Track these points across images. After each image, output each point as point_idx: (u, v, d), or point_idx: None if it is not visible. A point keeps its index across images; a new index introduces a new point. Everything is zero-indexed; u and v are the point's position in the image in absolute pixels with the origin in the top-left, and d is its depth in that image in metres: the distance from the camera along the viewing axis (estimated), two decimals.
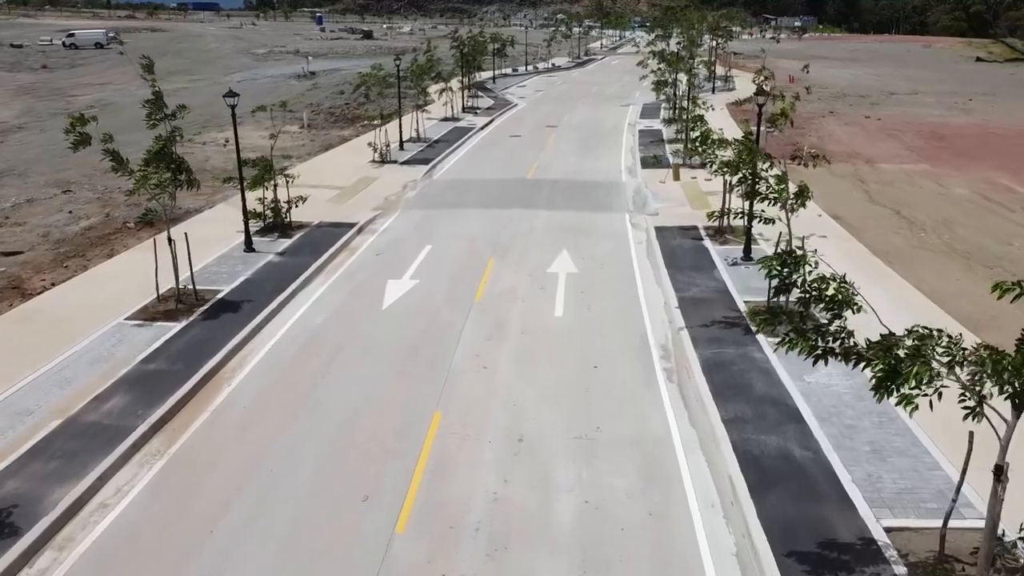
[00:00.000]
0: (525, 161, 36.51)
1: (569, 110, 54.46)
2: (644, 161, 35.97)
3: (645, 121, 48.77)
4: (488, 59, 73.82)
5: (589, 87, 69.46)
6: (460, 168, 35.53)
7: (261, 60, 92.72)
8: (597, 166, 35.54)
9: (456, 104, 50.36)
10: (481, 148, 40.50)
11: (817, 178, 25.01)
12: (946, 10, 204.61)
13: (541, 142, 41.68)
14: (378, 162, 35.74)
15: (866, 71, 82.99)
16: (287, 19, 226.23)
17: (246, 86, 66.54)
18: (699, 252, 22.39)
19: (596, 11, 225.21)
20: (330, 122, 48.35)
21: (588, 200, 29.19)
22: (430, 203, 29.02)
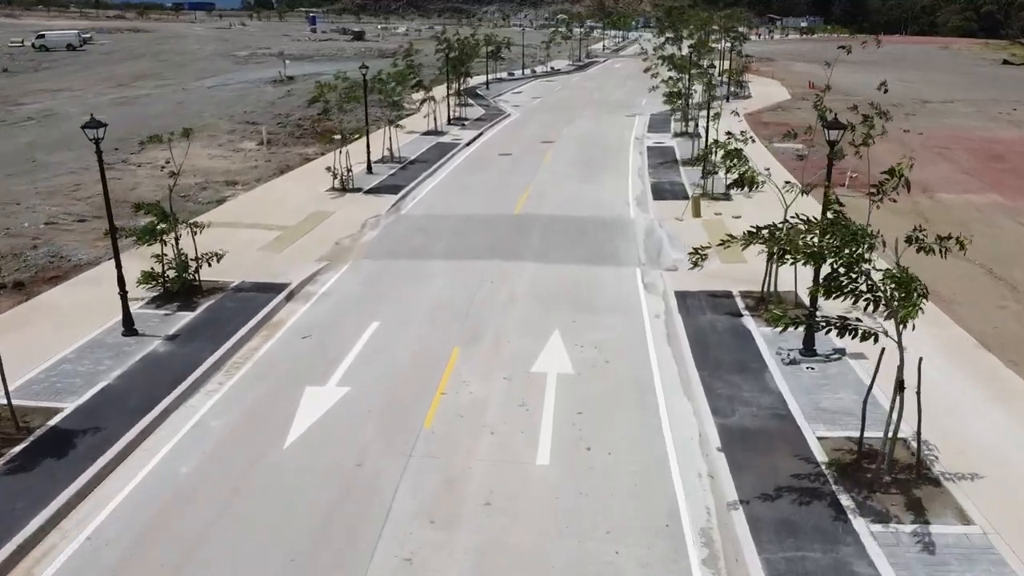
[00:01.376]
0: (514, 188, 30.63)
1: (568, 121, 48.56)
2: (656, 189, 30.06)
3: (654, 135, 42.85)
4: (482, 62, 68.01)
5: (591, 94, 63.57)
6: (435, 198, 29.65)
7: (241, 63, 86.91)
8: (600, 196, 29.64)
9: (441, 115, 44.48)
10: (464, 170, 34.61)
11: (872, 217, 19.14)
12: (956, 11, 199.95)
13: (535, 163, 35.79)
14: (338, 190, 29.90)
15: (890, 76, 76.81)
16: (281, 19, 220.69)
17: (215, 92, 60.78)
18: (739, 338, 16.50)
19: (598, 11, 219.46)
20: (295, 137, 42.45)
21: (588, 246, 23.31)
22: (390, 250, 23.14)
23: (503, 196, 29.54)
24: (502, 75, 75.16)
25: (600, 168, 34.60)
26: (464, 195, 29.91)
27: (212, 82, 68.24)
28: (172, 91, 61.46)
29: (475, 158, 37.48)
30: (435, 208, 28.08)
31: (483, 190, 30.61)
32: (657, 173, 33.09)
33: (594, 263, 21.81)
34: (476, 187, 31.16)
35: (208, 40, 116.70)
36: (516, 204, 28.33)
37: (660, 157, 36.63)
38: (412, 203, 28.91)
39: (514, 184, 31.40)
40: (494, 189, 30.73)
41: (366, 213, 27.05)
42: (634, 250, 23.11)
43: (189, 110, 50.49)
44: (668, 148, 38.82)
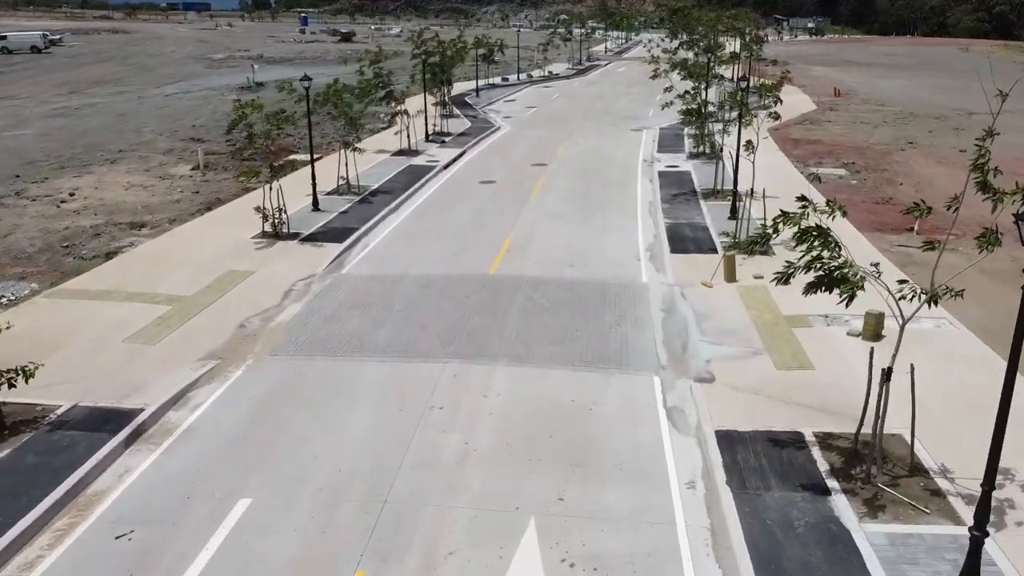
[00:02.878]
0: (492, 234, 24.15)
1: (565, 137, 42.05)
2: (674, 235, 23.57)
3: (666, 156, 36.33)
4: (474, 67, 61.57)
5: (591, 102, 57.07)
6: (391, 248, 23.15)
7: (214, 67, 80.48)
8: (602, 245, 23.11)
9: (416, 131, 37.98)
10: (435, 205, 28.11)
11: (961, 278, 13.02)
12: (968, 11, 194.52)
13: (522, 195, 29.30)
14: (269, 236, 23.48)
15: (920, 81, 70.45)
16: (274, 20, 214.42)
17: (171, 101, 54.35)
18: (834, 552, 9.93)
19: (600, 11, 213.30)
20: (242, 158, 35.90)
21: (586, 334, 16.79)
22: (310, 340, 16.62)
23: (477, 246, 23.04)
24: (496, 80, 68.80)
25: (602, 203, 28.07)
26: (428, 243, 23.40)
27: (174, 88, 61.83)
28: (125, 99, 55.02)
29: (451, 187, 30.97)
30: (387, 264, 21.57)
31: (453, 236, 24.11)
32: (673, 210, 26.57)
33: (593, 366, 15.28)
34: (445, 231, 24.65)
35: (186, 42, 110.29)
36: (492, 258, 21.82)
37: (675, 186, 30.11)
38: (359, 256, 22.40)
39: (493, 227, 24.89)
40: (467, 234, 24.22)
41: (296, 273, 20.59)
42: (650, 341, 16.57)
43: (130, 124, 44.04)
44: (684, 174, 32.30)
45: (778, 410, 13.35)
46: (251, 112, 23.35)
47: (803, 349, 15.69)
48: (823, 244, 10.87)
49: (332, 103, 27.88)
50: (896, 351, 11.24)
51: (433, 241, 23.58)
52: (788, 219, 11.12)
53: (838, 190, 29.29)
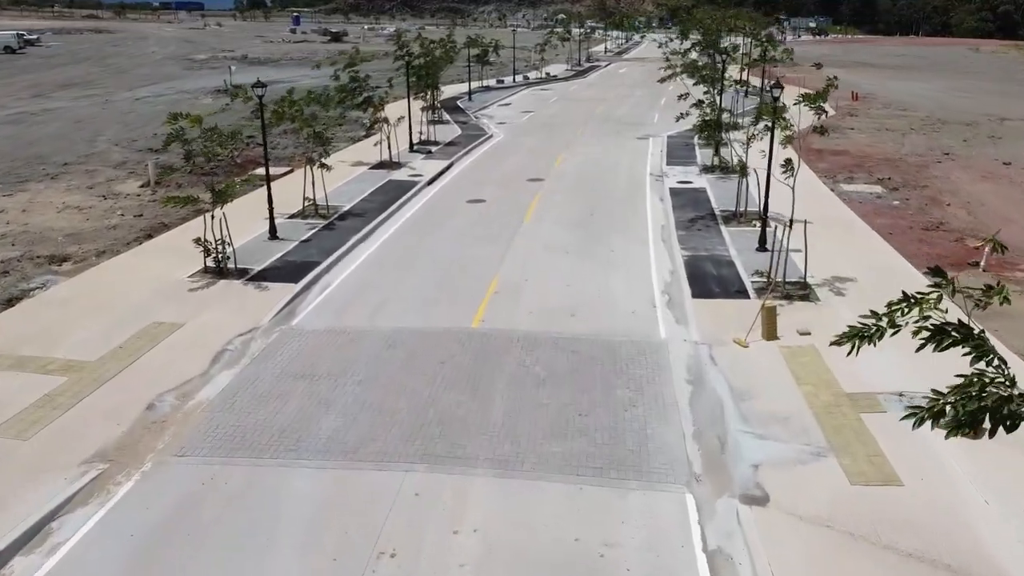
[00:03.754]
0: (479, 271, 20.29)
1: (564, 146, 38.22)
2: (695, 272, 19.72)
3: (676, 169, 32.49)
4: (466, 68, 57.75)
5: (592, 107, 53.22)
6: (355, 290, 19.26)
7: (195, 68, 76.54)
8: (609, 287, 19.24)
9: (398, 141, 34.12)
10: (411, 233, 24.26)
11: None
12: (971, 11, 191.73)
13: (514, 218, 25.46)
14: (212, 273, 19.66)
15: (939, 84, 66.62)
16: (267, 19, 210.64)
17: (139, 106, 50.45)
18: None
19: (599, 11, 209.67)
20: (200, 173, 32.00)
21: (593, 420, 12.93)
22: (233, 434, 12.67)
23: (459, 286, 19.18)
24: (490, 82, 64.99)
25: (606, 228, 24.21)
26: (401, 283, 19.54)
27: (146, 92, 57.93)
28: (90, 104, 51.11)
29: (434, 207, 27.12)
30: (349, 313, 17.71)
31: (432, 273, 20.24)
32: (691, 238, 22.73)
33: (604, 476, 11.41)
34: (422, 267, 20.78)
35: (170, 42, 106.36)
36: (477, 305, 17.95)
37: (690, 207, 26.27)
38: (317, 301, 18.53)
39: (479, 261, 21.04)
40: (448, 271, 20.36)
41: (235, 325, 16.74)
42: (676, 431, 12.70)
43: (86, 132, 40.13)
44: (699, 192, 28.45)
45: (864, 560, 9.52)
46: (191, 125, 19.45)
47: (881, 449, 11.85)
48: (979, 354, 6.87)
49: (289, 117, 23.94)
50: None
51: (407, 280, 19.70)
52: (914, 305, 7.14)
53: (878, 213, 25.51)
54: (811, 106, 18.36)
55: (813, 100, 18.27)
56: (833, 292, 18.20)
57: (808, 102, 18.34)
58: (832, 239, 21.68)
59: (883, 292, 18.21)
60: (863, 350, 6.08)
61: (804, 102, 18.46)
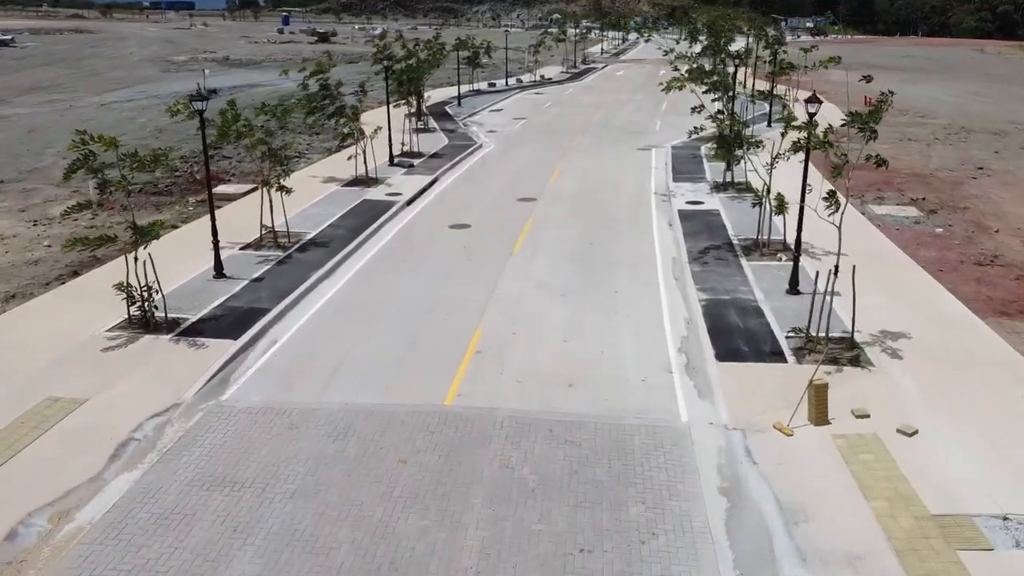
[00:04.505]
0: (457, 322, 16.96)
1: (559, 158, 34.94)
2: (717, 325, 16.43)
3: (684, 186, 29.20)
4: (456, 71, 54.49)
5: (590, 113, 49.92)
6: (306, 348, 15.89)
7: (171, 70, 73.08)
8: (616, 346, 15.89)
9: (375, 155, 30.76)
10: (382, 269, 20.91)
11: None
12: (970, 11, 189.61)
13: (503, 248, 22.14)
14: (137, 325, 16.32)
15: (956, 88, 63.46)
16: (256, 19, 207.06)
17: (104, 112, 47.02)
18: None
19: (594, 11, 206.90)
20: (152, 192, 28.70)
21: (600, 561, 9.66)
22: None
23: (433, 344, 15.84)
24: (482, 85, 61.73)
25: (609, 262, 20.91)
26: (363, 338, 16.18)
27: (114, 96, 54.51)
28: (51, 110, 47.67)
29: (411, 235, 23.78)
30: (295, 383, 14.38)
31: (401, 324, 16.90)
32: (707, 275, 19.44)
33: None
34: (391, 315, 17.44)
35: (151, 42, 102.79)
36: (453, 372, 14.63)
37: (704, 234, 22.98)
38: (259, 363, 15.19)
39: (459, 307, 17.70)
40: (421, 322, 17.02)
41: (151, 401, 13.43)
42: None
43: (36, 143, 36.70)
44: (712, 215, 25.16)
45: None
46: (104, 148, 16.07)
47: None
48: None
49: (234, 133, 20.58)
50: None
51: (370, 336, 16.36)
52: None
53: (920, 243, 22.26)
54: (860, 128, 15.05)
55: (864, 121, 14.97)
56: (887, 353, 14.93)
57: (856, 123, 15.04)
58: (873, 278, 18.37)
59: (948, 351, 14.88)
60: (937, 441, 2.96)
61: (852, 123, 15.15)
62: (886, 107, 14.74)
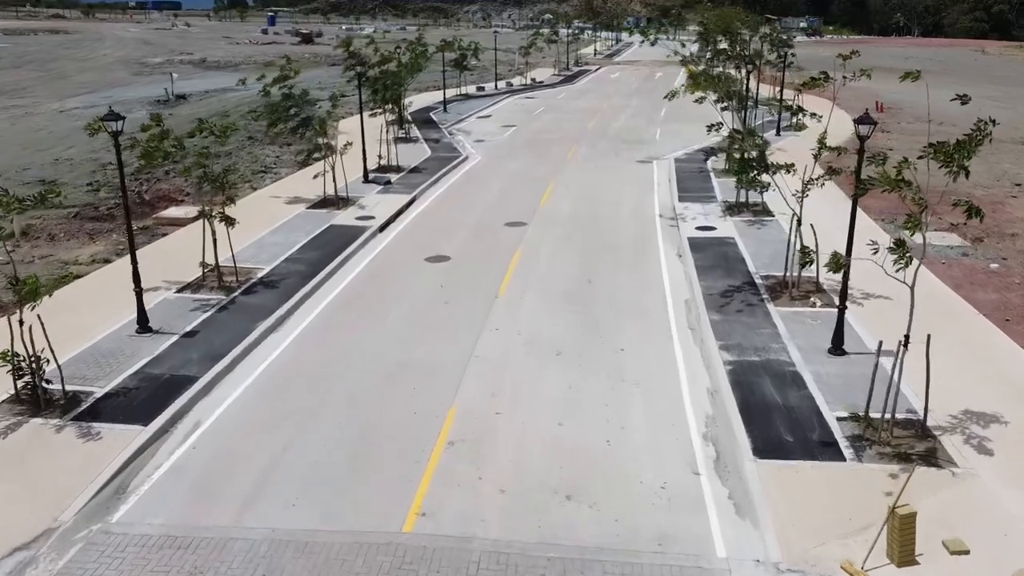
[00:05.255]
0: (426, 397, 13.67)
1: (552, 173, 31.73)
2: (748, 400, 13.22)
3: (692, 207, 25.98)
4: (442, 74, 51.31)
5: (584, 119, 46.69)
6: (237, 437, 12.57)
7: (144, 73, 69.57)
8: (623, 435, 12.61)
9: (345, 172, 27.47)
10: (340, 318, 17.59)
11: None
12: (964, 11, 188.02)
13: (486, 289, 18.87)
14: (26, 402, 13.02)
15: (967, 91, 60.45)
16: (242, 19, 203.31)
17: (60, 119, 43.60)
18: None
19: (586, 11, 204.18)
20: (90, 217, 25.24)
21: None
22: None
23: (391, 437, 12.51)
24: (470, 89, 58.49)
25: (612, 308, 17.64)
26: (307, 426, 12.85)
27: (77, 102, 51.01)
28: (6, 117, 44.18)
29: (379, 272, 20.47)
30: (214, 493, 11.04)
31: (355, 404, 13.57)
32: (730, 327, 16.22)
33: None
34: (345, 386, 14.09)
35: (127, 43, 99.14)
36: (417, 479, 11.36)
37: (720, 269, 19.76)
38: (169, 463, 11.84)
39: (429, 373, 14.43)
40: (380, 400, 13.72)
41: (13, 528, 10.12)
42: None
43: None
44: (727, 244, 21.93)
45: None
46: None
47: None
48: None
49: (161, 156, 17.25)
50: None
51: (315, 420, 13.03)
52: None
53: (974, 281, 19.11)
54: (947, 164, 11.84)
55: (950, 156, 11.77)
56: (972, 445, 11.75)
57: (942, 158, 11.84)
58: (928, 332, 15.26)
59: None
60: None
61: (935, 156, 11.95)
62: (987, 137, 11.46)
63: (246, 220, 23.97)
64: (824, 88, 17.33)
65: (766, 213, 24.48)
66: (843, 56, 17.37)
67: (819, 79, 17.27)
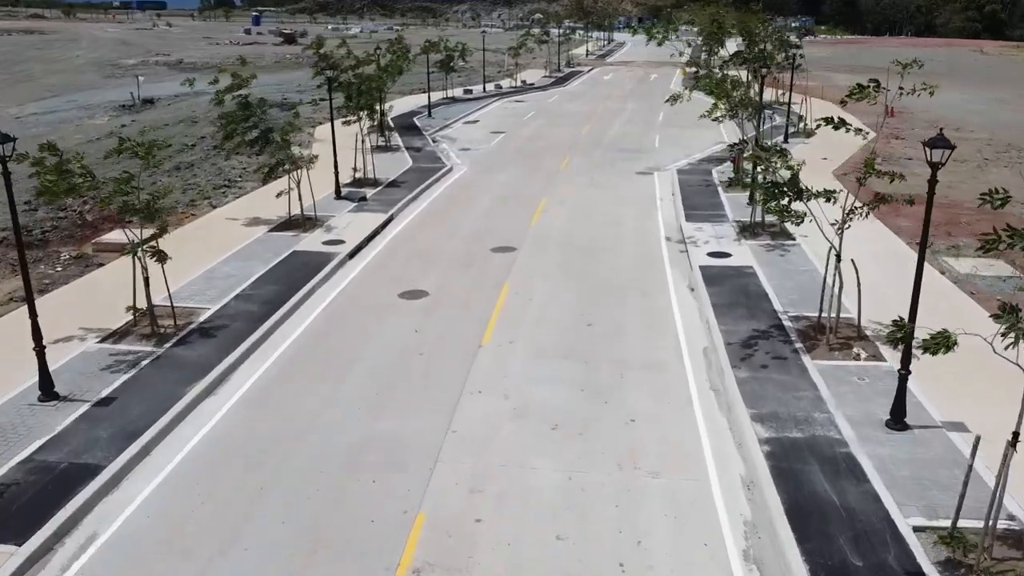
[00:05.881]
0: (390, 489, 10.85)
1: (544, 186, 28.92)
2: (793, 494, 10.44)
3: (701, 227, 23.18)
4: (429, 76, 48.48)
5: (577, 125, 43.88)
6: (139, 557, 9.74)
7: (115, 76, 66.39)
8: (642, 558, 9.87)
9: (312, 188, 24.58)
10: (293, 375, 14.69)
11: None
12: (957, 10, 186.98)
13: (470, 332, 15.99)
14: None
15: (977, 94, 58.02)
16: (227, 19, 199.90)
17: (13, 128, 40.34)
18: None
19: (577, 10, 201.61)
20: (27, 238, 22.21)
21: None
22: None
23: (337, 556, 9.72)
24: (456, 92, 55.65)
25: (616, 361, 14.81)
26: (232, 542, 10.01)
27: (37, 107, 47.92)
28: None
29: (344, 314, 17.56)
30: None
31: (295, 506, 10.71)
32: (761, 388, 13.40)
33: None
34: (280, 488, 11.19)
35: (103, 44, 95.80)
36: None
37: (740, 308, 16.95)
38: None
39: (394, 458, 11.57)
40: (329, 502, 10.84)
41: None
42: None
43: None
44: (745, 275, 19.12)
45: None
46: None
47: None
48: None
49: (63, 190, 14.35)
50: None
51: (243, 534, 10.16)
52: None
53: None
54: (1010, 247, 9.07)
55: (1011, 238, 9.01)
56: None
57: (1007, 242, 9.08)
58: (991, 388, 12.47)
59: None
60: None
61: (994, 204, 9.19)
62: None
63: (198, 246, 21.12)
64: (874, 100, 14.51)
65: (786, 236, 21.73)
66: (901, 64, 14.63)
67: (867, 88, 14.44)
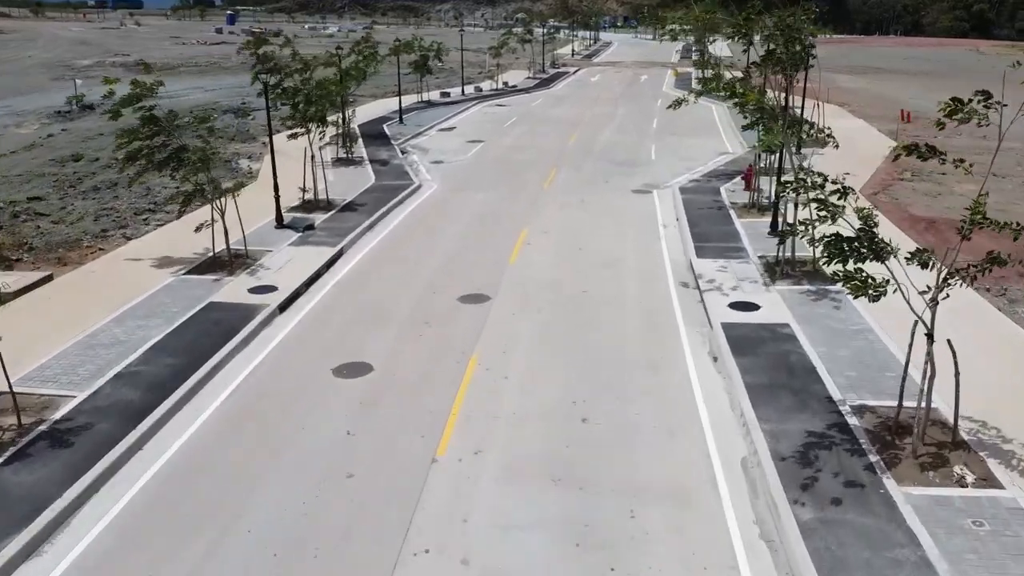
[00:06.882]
0: None
1: (526, 211, 24.60)
2: None
3: (716, 265, 18.89)
4: (406, 78, 44.14)
5: (564, 133, 39.57)
6: None
7: (67, 78, 61.41)
8: None
9: (240, 219, 20.13)
10: (159, 522, 10.31)
11: None
12: (944, 9, 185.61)
13: (422, 433, 11.66)
14: None
15: None
16: (202, 18, 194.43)
17: None
18: None
19: (561, 10, 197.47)
20: None
21: None
22: None
23: None
24: (433, 95, 51.31)
25: (623, 491, 10.43)
26: None
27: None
28: None
29: (252, 407, 13.14)
30: None
31: None
32: (838, 541, 9.11)
33: None
34: None
35: (61, 44, 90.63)
36: None
37: (783, 393, 12.68)
38: None
39: None
40: None
41: None
42: None
43: None
44: (781, 336, 14.79)
45: None
46: None
47: None
48: None
49: None
50: None
51: None
52: None
53: None
54: None
55: None
56: None
57: None
58: None
59: None
60: None
61: None
62: None
63: (87, 297, 16.72)
64: (984, 121, 10.31)
65: (824, 278, 17.43)
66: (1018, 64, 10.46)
67: (972, 103, 10.20)
